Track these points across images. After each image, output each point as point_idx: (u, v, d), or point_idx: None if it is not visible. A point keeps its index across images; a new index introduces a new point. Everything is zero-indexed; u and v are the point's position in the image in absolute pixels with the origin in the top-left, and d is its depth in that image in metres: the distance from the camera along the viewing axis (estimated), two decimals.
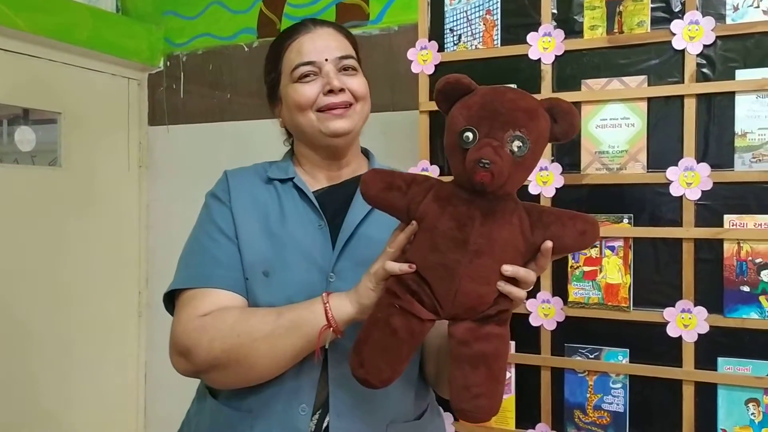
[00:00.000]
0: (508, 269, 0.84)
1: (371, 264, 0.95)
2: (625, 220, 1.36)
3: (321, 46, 1.09)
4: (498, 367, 0.87)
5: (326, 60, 1.08)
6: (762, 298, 1.27)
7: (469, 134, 0.82)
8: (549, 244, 0.86)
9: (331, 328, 0.96)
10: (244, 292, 1.05)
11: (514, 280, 0.86)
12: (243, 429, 1.03)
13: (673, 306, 1.32)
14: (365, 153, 1.23)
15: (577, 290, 1.41)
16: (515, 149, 0.81)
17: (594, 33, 1.40)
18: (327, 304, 0.96)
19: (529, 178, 1.16)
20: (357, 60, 1.14)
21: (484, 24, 1.48)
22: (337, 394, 1.02)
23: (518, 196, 0.90)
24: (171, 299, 1.09)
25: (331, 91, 1.07)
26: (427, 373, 1.14)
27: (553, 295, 1.42)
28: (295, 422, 1.01)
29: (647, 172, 1.35)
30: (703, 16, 1.30)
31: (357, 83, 1.10)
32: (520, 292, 0.86)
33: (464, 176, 0.83)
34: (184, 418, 1.18)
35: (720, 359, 1.30)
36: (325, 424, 1.02)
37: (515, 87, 0.86)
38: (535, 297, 1.42)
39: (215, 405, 1.08)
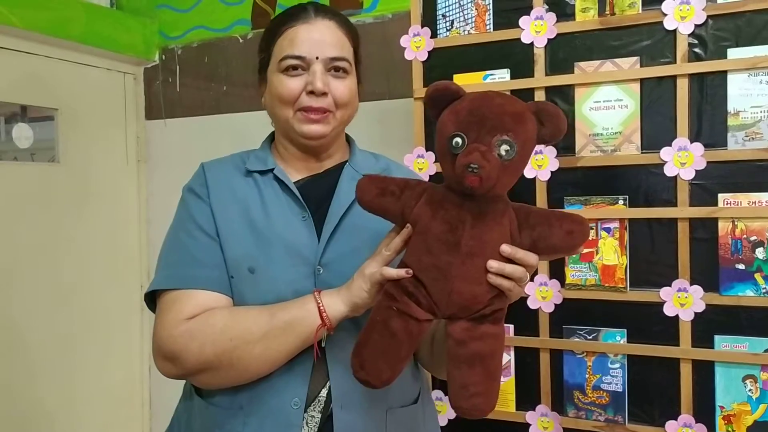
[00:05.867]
0: (493, 265, 0.86)
1: (365, 263, 0.95)
2: (621, 202, 1.37)
3: (315, 41, 1.04)
4: (494, 366, 0.90)
5: (317, 58, 1.03)
6: (757, 276, 1.28)
7: (458, 139, 0.83)
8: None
9: (326, 327, 0.96)
10: (228, 290, 1.02)
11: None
12: (235, 426, 1.01)
13: (670, 285, 1.33)
14: (347, 140, 1.20)
15: (574, 272, 1.42)
16: (503, 153, 0.82)
17: (586, 15, 1.40)
18: (320, 304, 0.96)
19: None
20: (355, 57, 1.10)
21: (476, 9, 1.48)
22: (338, 386, 1.01)
23: (514, 186, 0.91)
24: (152, 297, 1.06)
25: (312, 93, 1.03)
26: (421, 357, 1.14)
27: (551, 277, 1.43)
28: (288, 416, 0.99)
29: (641, 153, 1.36)
30: None
31: (343, 88, 1.05)
32: (510, 284, 0.87)
33: (454, 180, 0.85)
34: (173, 416, 1.15)
35: (717, 337, 1.32)
36: (319, 417, 1.01)
37: (504, 92, 0.87)
38: (532, 280, 1.43)
39: (203, 404, 1.05)
